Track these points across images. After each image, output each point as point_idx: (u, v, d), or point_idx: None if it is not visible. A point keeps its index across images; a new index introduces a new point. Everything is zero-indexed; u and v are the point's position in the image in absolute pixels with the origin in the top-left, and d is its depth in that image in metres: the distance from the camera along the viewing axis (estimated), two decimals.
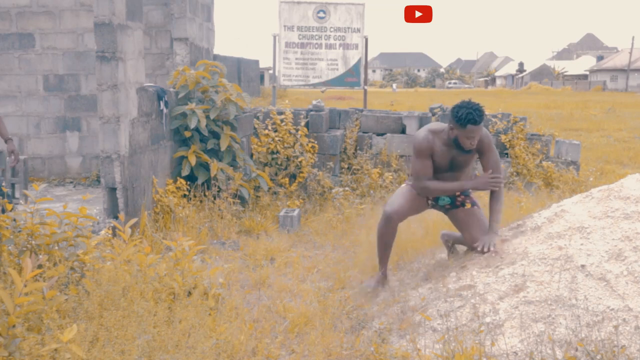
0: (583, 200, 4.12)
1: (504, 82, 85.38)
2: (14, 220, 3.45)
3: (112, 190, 4.92)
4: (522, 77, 75.88)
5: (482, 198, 6.47)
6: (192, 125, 6.02)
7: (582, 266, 3.42)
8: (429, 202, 4.38)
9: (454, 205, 4.32)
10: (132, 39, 5.19)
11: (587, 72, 70.96)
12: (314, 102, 8.42)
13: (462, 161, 4.17)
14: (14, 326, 2.58)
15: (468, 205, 4.28)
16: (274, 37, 10.01)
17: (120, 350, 2.80)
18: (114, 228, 4.54)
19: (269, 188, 7.15)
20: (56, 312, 2.88)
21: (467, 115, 3.92)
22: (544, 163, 8.12)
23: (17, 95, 8.83)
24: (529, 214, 4.66)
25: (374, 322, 3.78)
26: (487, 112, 8.60)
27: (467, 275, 3.94)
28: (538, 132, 8.69)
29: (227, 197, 6.13)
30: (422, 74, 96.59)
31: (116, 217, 4.80)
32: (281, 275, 4.84)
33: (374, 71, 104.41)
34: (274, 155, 7.77)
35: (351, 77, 10.01)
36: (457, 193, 4.30)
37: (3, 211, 3.67)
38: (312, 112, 8.24)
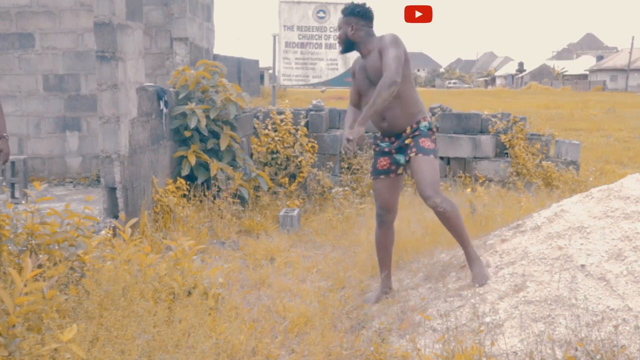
0: (583, 200, 4.12)
1: (503, 82, 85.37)
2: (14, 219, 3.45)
3: (112, 190, 4.92)
4: (522, 77, 75.89)
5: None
6: (192, 125, 6.03)
7: (582, 266, 3.42)
8: (395, 171, 4.05)
9: (407, 161, 3.97)
10: (132, 39, 5.19)
11: (587, 72, 70.97)
12: (314, 102, 8.43)
13: (373, 74, 3.83)
14: (14, 326, 2.58)
15: (412, 154, 3.87)
16: (274, 37, 10.01)
17: (120, 350, 2.81)
18: (114, 228, 4.55)
19: (269, 188, 7.15)
20: (56, 311, 2.88)
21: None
22: (543, 163, 8.12)
23: (17, 95, 8.82)
24: (529, 214, 4.66)
25: (374, 322, 3.78)
26: (487, 112, 8.62)
27: (466, 274, 3.95)
28: (538, 132, 8.69)
29: (227, 197, 6.13)
30: (422, 73, 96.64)
31: (116, 217, 4.80)
32: (281, 275, 4.85)
33: None
34: (274, 155, 7.77)
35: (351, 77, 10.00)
36: (407, 144, 3.93)
37: None
38: (312, 112, 8.24)
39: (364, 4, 3.99)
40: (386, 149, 4.04)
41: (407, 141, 3.93)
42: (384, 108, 3.82)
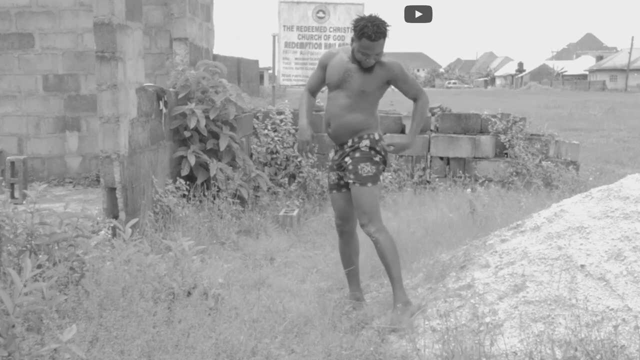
0: (583, 200, 4.12)
1: (503, 82, 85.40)
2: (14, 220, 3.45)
3: (112, 190, 4.91)
4: (522, 77, 75.92)
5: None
6: (192, 125, 6.03)
7: (582, 266, 3.42)
8: (345, 185, 4.00)
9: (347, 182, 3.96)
10: (132, 39, 5.19)
11: (587, 72, 71.01)
12: None
13: (356, 80, 3.80)
14: (13, 326, 2.57)
15: (350, 182, 3.88)
16: (274, 37, 10.01)
17: (119, 350, 2.81)
18: (113, 228, 4.54)
19: (269, 188, 7.15)
20: (56, 312, 2.89)
21: (362, 28, 3.66)
22: (543, 163, 8.12)
23: (17, 95, 8.81)
24: (529, 214, 4.66)
25: (373, 322, 3.78)
26: (486, 112, 8.61)
27: (466, 275, 3.95)
28: (538, 132, 8.69)
29: (226, 197, 6.12)
30: (422, 73, 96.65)
31: (116, 217, 4.80)
32: (281, 275, 4.84)
33: None
34: (274, 155, 7.77)
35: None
36: (347, 163, 3.88)
37: None
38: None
39: (378, 16, 3.83)
40: (332, 163, 4.06)
41: (346, 159, 3.89)
42: (332, 116, 3.89)
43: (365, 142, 3.88)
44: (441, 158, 8.30)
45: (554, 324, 3.15)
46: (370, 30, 3.66)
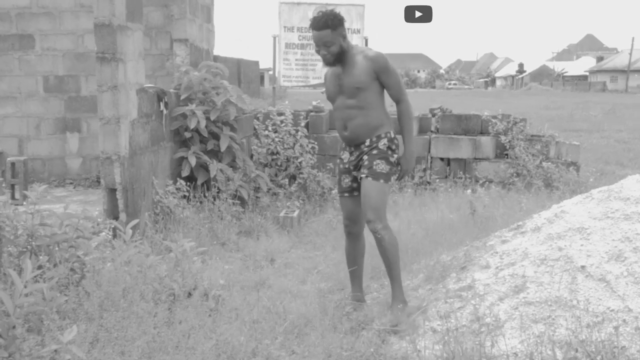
0: (583, 201, 4.12)
1: (504, 82, 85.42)
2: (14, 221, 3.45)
3: (112, 191, 4.91)
4: (522, 78, 75.93)
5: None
6: (192, 125, 6.03)
7: (582, 267, 3.42)
8: (358, 188, 4.01)
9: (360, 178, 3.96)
10: (132, 40, 5.19)
11: (587, 73, 71.00)
12: (314, 103, 8.43)
13: (347, 79, 3.84)
14: (14, 327, 2.58)
15: (363, 176, 3.87)
16: (274, 38, 10.01)
17: (120, 351, 2.81)
18: (114, 229, 4.54)
19: (269, 189, 7.15)
20: (56, 313, 2.89)
21: (311, 20, 3.83)
22: (544, 164, 8.12)
23: (17, 97, 8.82)
24: (529, 215, 4.66)
25: (374, 323, 3.77)
26: (487, 113, 8.61)
27: (467, 276, 3.95)
28: (538, 133, 8.69)
29: (226, 198, 6.12)
30: (422, 74, 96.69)
31: (116, 218, 4.80)
32: (281, 276, 4.84)
33: None
34: (274, 156, 7.77)
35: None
36: (363, 160, 3.91)
37: None
38: (312, 113, 8.24)
39: (333, 10, 3.94)
40: (347, 165, 4.03)
41: (364, 157, 3.90)
42: (346, 119, 3.90)
43: (384, 142, 3.91)
44: (441, 159, 8.30)
45: (554, 325, 3.15)
46: (314, 21, 3.80)
